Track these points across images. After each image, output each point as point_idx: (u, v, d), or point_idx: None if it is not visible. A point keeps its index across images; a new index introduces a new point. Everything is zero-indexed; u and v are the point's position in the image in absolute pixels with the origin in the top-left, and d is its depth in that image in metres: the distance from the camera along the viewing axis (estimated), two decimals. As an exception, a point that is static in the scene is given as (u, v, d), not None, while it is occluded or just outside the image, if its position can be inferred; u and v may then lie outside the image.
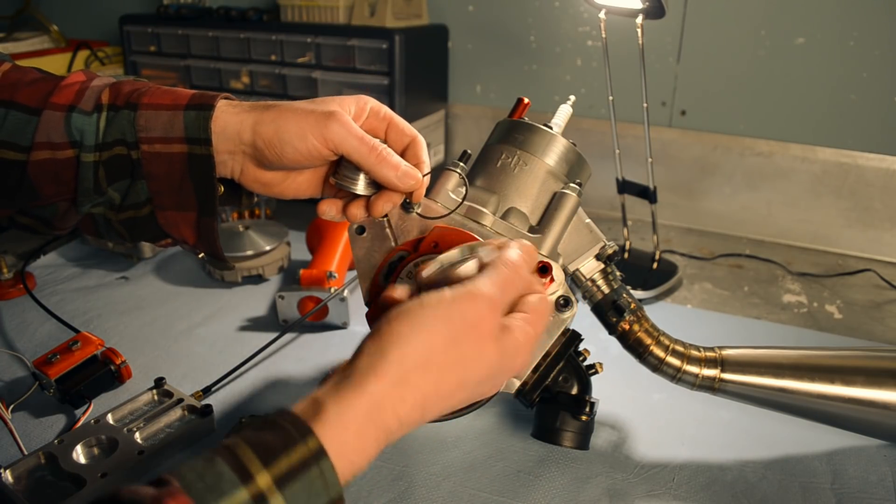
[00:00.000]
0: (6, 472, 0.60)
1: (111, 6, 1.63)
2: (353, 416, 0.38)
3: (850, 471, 0.67)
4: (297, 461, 0.36)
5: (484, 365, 0.44)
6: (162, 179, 0.54)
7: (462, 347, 0.42)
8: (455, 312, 0.43)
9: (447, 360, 0.42)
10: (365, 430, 0.39)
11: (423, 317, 0.42)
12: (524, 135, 0.64)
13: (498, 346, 0.44)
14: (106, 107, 0.53)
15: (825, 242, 1.22)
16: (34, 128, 0.52)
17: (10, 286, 0.96)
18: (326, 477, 0.36)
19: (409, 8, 1.29)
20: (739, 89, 1.22)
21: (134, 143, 0.53)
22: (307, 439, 0.36)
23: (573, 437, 0.62)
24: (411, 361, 0.41)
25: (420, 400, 0.41)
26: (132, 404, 0.71)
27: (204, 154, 0.53)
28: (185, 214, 0.55)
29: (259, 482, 0.34)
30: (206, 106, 0.52)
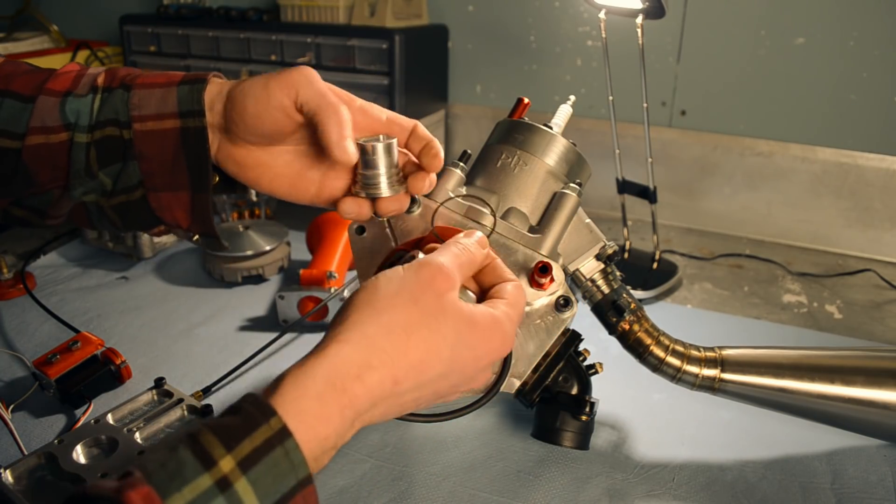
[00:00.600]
0: (6, 472, 0.60)
1: (111, 6, 1.63)
2: (312, 383, 0.38)
3: (850, 471, 0.67)
4: (261, 442, 0.35)
5: (450, 325, 0.42)
6: (154, 159, 0.53)
7: (422, 305, 0.42)
8: (409, 276, 0.43)
9: (409, 319, 0.41)
10: (325, 396, 0.38)
11: (380, 285, 0.43)
12: (524, 135, 0.64)
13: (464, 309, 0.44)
14: (101, 89, 0.53)
15: (825, 242, 1.22)
16: (29, 114, 0.52)
17: (10, 286, 0.96)
18: (292, 457, 0.35)
19: (409, 8, 1.29)
20: (739, 89, 1.22)
21: (126, 122, 0.52)
22: (270, 420, 0.36)
23: (573, 437, 0.62)
24: (372, 326, 0.40)
25: (388, 365, 0.40)
26: (132, 404, 0.71)
27: (197, 126, 0.52)
28: (178, 195, 0.54)
29: (222, 466, 0.34)
30: (199, 80, 0.52)
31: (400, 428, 0.71)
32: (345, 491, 0.63)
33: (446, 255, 0.46)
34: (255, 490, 0.34)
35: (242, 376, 0.79)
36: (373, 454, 0.67)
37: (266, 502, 0.34)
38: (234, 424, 0.35)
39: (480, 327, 0.44)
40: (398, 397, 0.41)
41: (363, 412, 0.40)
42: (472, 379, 0.46)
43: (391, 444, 0.69)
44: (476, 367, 0.45)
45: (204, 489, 0.33)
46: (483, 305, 0.46)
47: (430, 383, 0.43)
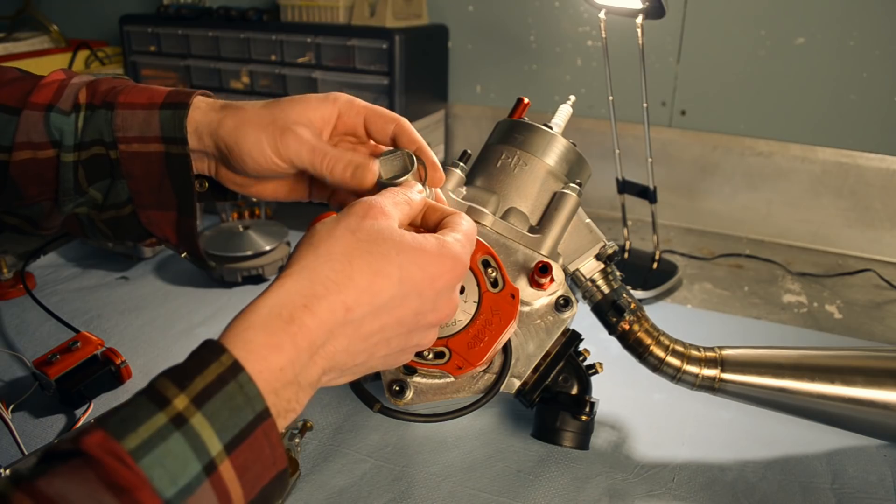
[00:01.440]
0: (6, 472, 0.60)
1: (111, 6, 1.63)
2: (256, 316, 0.38)
3: (850, 471, 0.67)
4: (213, 378, 0.35)
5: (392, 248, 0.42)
6: (141, 179, 0.54)
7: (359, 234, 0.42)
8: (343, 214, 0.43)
9: (348, 246, 0.41)
10: (271, 325, 0.37)
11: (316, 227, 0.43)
12: (524, 135, 0.64)
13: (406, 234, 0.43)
14: (84, 106, 0.53)
15: (825, 242, 1.22)
16: (14, 127, 0.52)
17: (10, 286, 0.95)
18: (246, 390, 0.35)
19: (409, 8, 1.29)
20: (739, 89, 1.22)
21: (112, 142, 0.53)
22: (220, 357, 0.36)
23: (573, 437, 0.62)
24: (311, 256, 0.40)
25: (335, 293, 0.39)
26: (132, 404, 0.71)
27: (180, 153, 0.52)
28: (166, 214, 0.55)
29: (176, 404, 0.34)
30: (181, 105, 0.52)
31: (400, 428, 0.71)
32: (345, 491, 0.63)
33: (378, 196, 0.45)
34: (211, 424, 0.34)
35: (242, 376, 0.79)
36: (373, 454, 0.67)
37: (225, 436, 0.34)
38: (188, 366, 0.35)
39: (426, 248, 0.43)
40: (357, 326, 0.41)
41: (320, 343, 0.39)
42: (435, 304, 0.45)
43: (391, 444, 0.69)
44: (433, 288, 0.44)
45: (159, 426, 0.33)
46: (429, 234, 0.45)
47: (387, 308, 0.42)
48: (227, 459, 0.34)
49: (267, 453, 0.36)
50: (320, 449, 0.68)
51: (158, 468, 0.32)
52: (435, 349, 0.54)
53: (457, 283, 0.46)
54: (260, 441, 0.36)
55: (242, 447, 0.35)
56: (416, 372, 0.58)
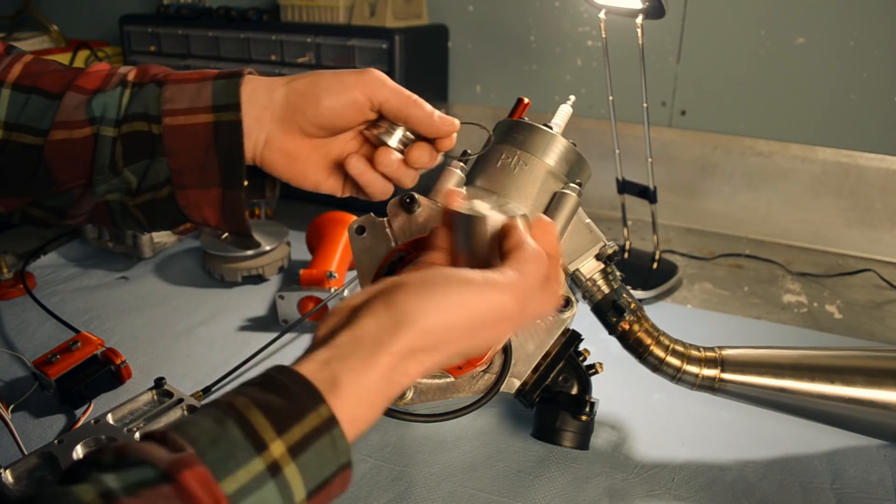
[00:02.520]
0: (6, 472, 0.60)
1: (111, 6, 1.63)
2: (367, 394, 0.38)
3: (850, 471, 0.67)
4: (310, 430, 0.35)
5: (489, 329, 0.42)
6: (184, 155, 0.52)
7: (475, 337, 0.42)
8: (476, 303, 0.41)
9: (458, 347, 0.41)
10: (377, 404, 0.39)
11: (442, 297, 0.40)
12: (524, 135, 0.64)
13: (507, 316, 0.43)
14: (131, 84, 0.53)
15: (825, 242, 1.22)
16: (55, 111, 0.51)
17: (10, 286, 0.96)
18: (337, 444, 0.36)
19: (409, 8, 1.29)
20: (739, 89, 1.22)
21: (157, 116, 0.52)
22: (318, 407, 0.36)
23: (573, 437, 0.62)
24: (423, 341, 0.40)
25: (422, 373, 0.41)
26: (132, 404, 0.71)
27: (232, 120, 0.52)
28: (208, 192, 0.53)
29: (273, 451, 0.34)
30: (235, 74, 0.53)
31: (400, 428, 0.71)
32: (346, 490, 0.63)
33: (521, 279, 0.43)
34: (302, 475, 0.35)
35: (242, 376, 0.79)
36: (373, 454, 0.67)
37: (310, 485, 0.35)
38: (281, 406, 0.35)
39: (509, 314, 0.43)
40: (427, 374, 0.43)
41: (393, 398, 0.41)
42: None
43: (391, 444, 0.69)
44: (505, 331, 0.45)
45: (256, 473, 0.33)
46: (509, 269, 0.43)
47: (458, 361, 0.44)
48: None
49: (336, 492, 0.37)
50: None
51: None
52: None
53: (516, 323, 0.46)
54: (335, 486, 0.37)
55: (321, 495, 0.36)
56: None
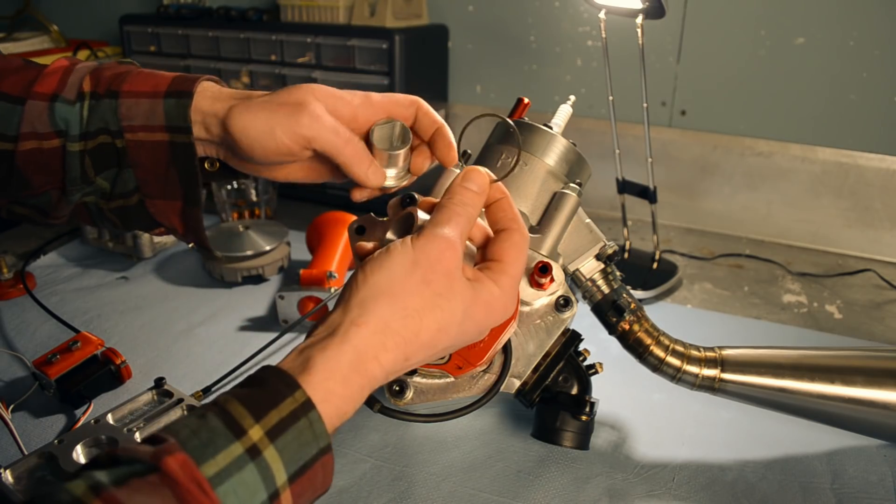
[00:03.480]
0: (6, 472, 0.60)
1: (111, 6, 1.63)
2: (338, 367, 0.40)
3: (850, 471, 0.67)
4: (287, 413, 0.37)
5: (459, 304, 0.44)
6: (148, 167, 0.53)
7: (433, 286, 0.44)
8: (420, 256, 0.44)
9: (423, 302, 0.43)
10: (350, 379, 0.40)
11: (393, 263, 0.44)
12: (524, 135, 0.64)
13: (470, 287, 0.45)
14: (88, 95, 0.53)
15: (825, 242, 1.22)
16: (19, 117, 0.52)
17: (10, 286, 0.96)
18: (315, 427, 0.38)
19: (409, 8, 1.29)
20: (739, 89, 1.21)
21: (118, 131, 0.52)
22: (294, 393, 0.38)
23: (573, 437, 0.62)
24: (388, 309, 0.42)
25: (402, 346, 0.43)
26: (132, 404, 0.71)
27: (185, 142, 0.52)
28: (172, 203, 0.55)
29: (252, 435, 0.36)
30: (184, 94, 0.52)
31: (400, 428, 0.71)
32: (345, 491, 0.63)
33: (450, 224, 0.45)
34: (281, 457, 0.36)
35: (242, 376, 0.79)
36: (373, 454, 0.67)
37: (291, 468, 0.37)
38: (260, 395, 0.38)
39: (484, 302, 0.46)
40: (406, 368, 0.45)
41: (376, 385, 0.43)
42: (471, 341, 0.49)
43: (391, 444, 0.69)
44: (480, 333, 0.48)
45: (236, 456, 0.35)
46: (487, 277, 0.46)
47: (435, 353, 0.45)
48: (288, 489, 0.37)
49: (320, 480, 0.39)
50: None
51: (232, 496, 0.34)
52: (435, 349, 0.54)
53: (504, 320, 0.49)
54: (317, 471, 0.39)
55: (303, 478, 0.38)
56: (416, 372, 0.57)
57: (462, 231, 0.46)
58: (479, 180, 0.48)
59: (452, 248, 0.45)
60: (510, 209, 0.49)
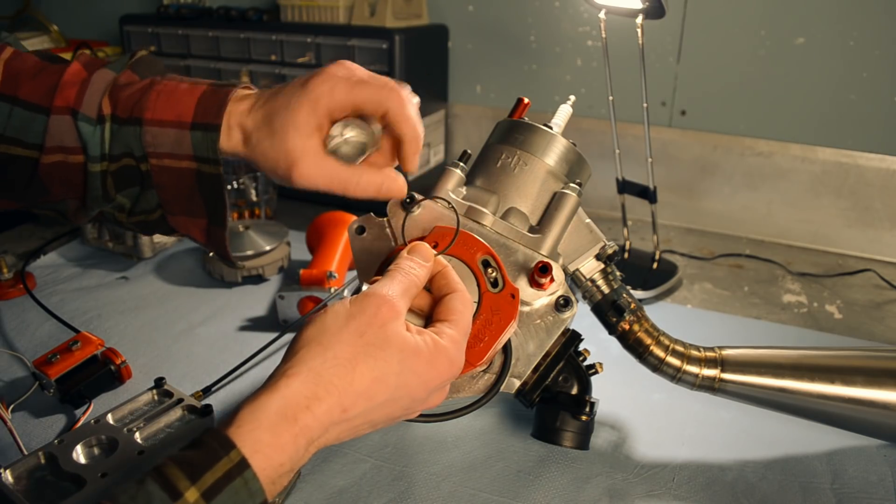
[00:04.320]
0: (6, 472, 0.60)
1: (111, 6, 1.63)
2: (265, 416, 0.40)
3: (850, 471, 0.67)
4: (222, 474, 0.38)
5: (394, 354, 0.44)
6: (172, 189, 0.54)
7: (366, 337, 0.44)
8: (355, 310, 0.45)
9: (354, 350, 0.43)
10: (279, 427, 0.40)
11: (327, 320, 0.45)
12: (524, 135, 0.64)
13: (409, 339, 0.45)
14: (108, 118, 0.53)
15: (825, 242, 1.22)
16: (42, 127, 0.52)
17: (10, 286, 0.95)
18: (250, 486, 0.39)
19: (409, 8, 1.29)
20: (739, 89, 1.21)
21: (142, 156, 0.53)
22: (230, 453, 0.39)
23: (573, 437, 0.62)
24: (319, 359, 0.43)
25: (335, 395, 0.42)
26: (132, 404, 0.71)
27: (213, 172, 0.53)
28: (196, 220, 0.56)
29: (188, 497, 0.37)
30: (211, 127, 0.52)
31: (400, 428, 0.71)
32: (345, 491, 0.63)
33: (391, 284, 0.48)
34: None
35: (242, 376, 0.79)
36: (373, 454, 0.67)
37: None
38: (196, 457, 0.38)
39: (425, 355, 0.46)
40: (349, 422, 0.44)
41: (316, 438, 0.42)
42: (425, 401, 0.49)
43: (391, 444, 0.69)
44: (426, 389, 0.47)
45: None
46: (428, 332, 0.47)
47: (379, 408, 0.45)
48: None
49: None
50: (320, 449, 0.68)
51: None
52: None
53: (450, 379, 0.49)
54: None
55: None
56: None
57: (403, 290, 0.48)
58: (424, 252, 0.51)
59: (389, 304, 0.46)
60: (452, 277, 0.51)
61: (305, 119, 0.50)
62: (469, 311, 0.50)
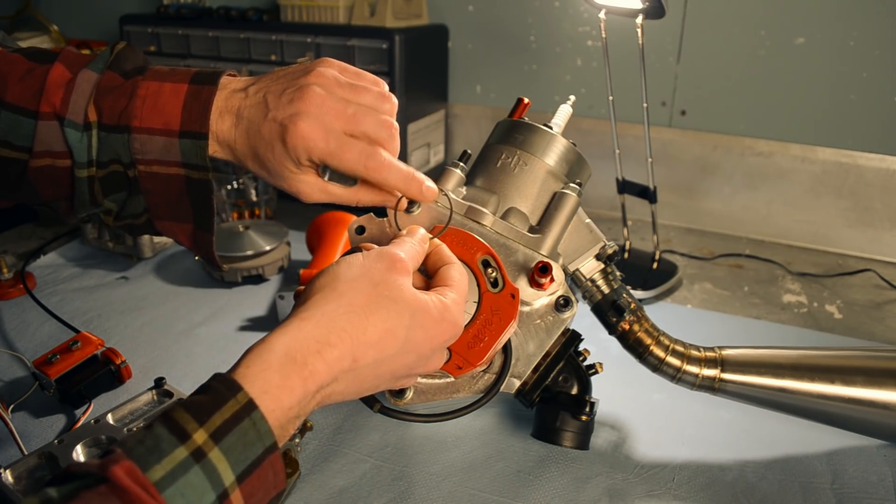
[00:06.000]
0: (6, 472, 0.60)
1: (111, 6, 1.63)
2: (274, 356, 0.41)
3: (850, 471, 0.67)
4: (230, 415, 0.38)
5: (406, 308, 0.45)
6: (159, 194, 0.55)
7: (380, 289, 0.44)
8: (370, 262, 0.46)
9: (368, 300, 0.44)
10: (287, 368, 0.40)
11: (340, 270, 0.45)
12: (524, 135, 0.64)
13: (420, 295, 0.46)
14: (94, 125, 0.53)
15: (825, 242, 1.22)
16: (30, 131, 0.52)
17: (10, 286, 0.95)
18: (259, 427, 0.39)
19: (409, 8, 1.29)
20: (739, 89, 1.21)
21: (130, 163, 0.54)
22: (237, 394, 0.39)
23: (573, 437, 0.62)
24: (332, 304, 0.43)
25: (347, 343, 0.42)
26: (132, 404, 0.71)
27: (202, 178, 0.54)
28: (182, 225, 0.57)
29: (196, 439, 0.37)
30: (199, 135, 0.52)
31: (400, 428, 0.71)
32: (345, 491, 0.63)
33: (401, 246, 0.49)
34: (226, 458, 0.37)
35: (242, 376, 0.79)
36: (373, 454, 0.67)
37: (238, 468, 0.38)
38: (204, 401, 0.38)
39: (433, 313, 0.47)
40: (357, 373, 0.44)
41: (325, 385, 0.42)
42: (428, 360, 0.49)
43: (391, 444, 0.69)
44: (430, 347, 0.48)
45: (181, 460, 0.36)
46: (433, 293, 0.49)
47: (387, 361, 0.45)
48: (237, 489, 0.37)
49: (271, 479, 0.39)
50: (320, 449, 0.68)
51: (179, 498, 0.35)
52: (435, 349, 0.54)
53: (451, 340, 0.50)
54: (266, 470, 0.39)
55: (252, 477, 0.38)
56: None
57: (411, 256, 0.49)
58: (420, 234, 0.53)
59: (402, 262, 0.47)
60: (446, 252, 0.53)
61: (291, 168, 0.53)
62: (464, 280, 0.52)
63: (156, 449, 0.36)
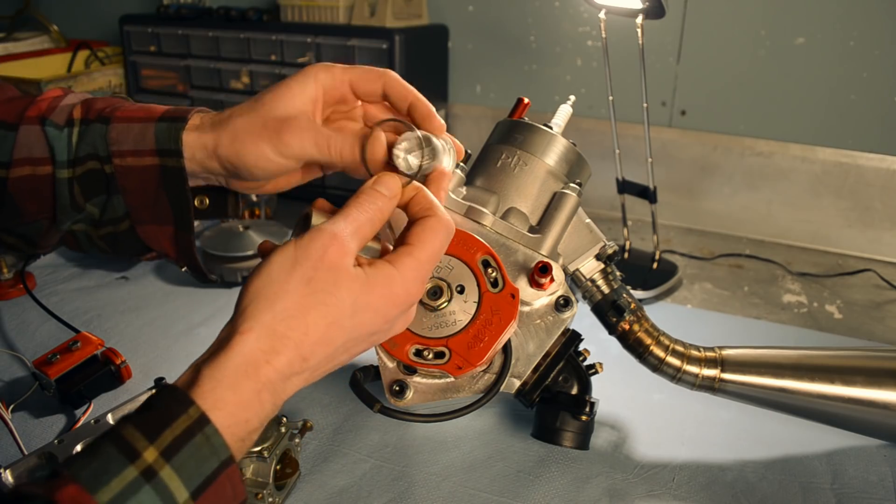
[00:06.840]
0: (6, 472, 0.60)
1: (111, 6, 1.63)
2: (224, 374, 0.39)
3: (850, 471, 0.67)
4: (181, 431, 0.36)
5: (346, 296, 0.42)
6: (137, 193, 0.54)
7: (314, 284, 0.42)
8: (300, 254, 0.43)
9: (302, 301, 0.42)
10: (241, 384, 0.39)
11: (273, 269, 0.42)
12: (524, 135, 0.64)
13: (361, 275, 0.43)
14: (78, 121, 0.53)
15: (825, 242, 1.22)
16: (10, 145, 0.52)
17: (10, 286, 0.95)
18: (212, 441, 0.37)
19: (409, 8, 1.29)
20: (739, 89, 1.21)
21: (106, 157, 0.53)
22: (189, 409, 0.37)
23: (573, 437, 0.62)
24: (268, 314, 0.41)
25: (293, 348, 0.41)
26: (132, 404, 0.71)
27: (176, 166, 0.52)
28: (163, 228, 0.55)
29: (146, 457, 0.35)
30: (178, 118, 0.52)
31: (400, 428, 0.71)
32: (345, 491, 0.63)
33: (343, 221, 0.44)
34: (179, 475, 0.36)
35: (242, 376, 0.79)
36: (373, 454, 0.67)
37: (191, 484, 0.36)
38: (153, 416, 0.37)
39: (378, 289, 0.44)
40: (311, 370, 0.43)
41: (279, 390, 0.41)
42: (389, 330, 0.47)
43: (391, 444, 0.69)
44: (385, 320, 0.45)
45: (130, 480, 0.34)
46: (381, 261, 0.45)
47: (339, 350, 0.44)
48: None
49: (229, 493, 0.38)
50: (320, 449, 0.68)
51: None
52: (435, 349, 0.54)
53: (411, 304, 0.47)
54: (223, 484, 0.38)
55: (208, 492, 0.37)
56: (416, 372, 0.58)
57: (356, 228, 0.44)
58: (391, 184, 0.47)
59: (337, 242, 0.43)
60: (426, 199, 0.48)
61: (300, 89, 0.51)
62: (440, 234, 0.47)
63: (104, 470, 0.34)
